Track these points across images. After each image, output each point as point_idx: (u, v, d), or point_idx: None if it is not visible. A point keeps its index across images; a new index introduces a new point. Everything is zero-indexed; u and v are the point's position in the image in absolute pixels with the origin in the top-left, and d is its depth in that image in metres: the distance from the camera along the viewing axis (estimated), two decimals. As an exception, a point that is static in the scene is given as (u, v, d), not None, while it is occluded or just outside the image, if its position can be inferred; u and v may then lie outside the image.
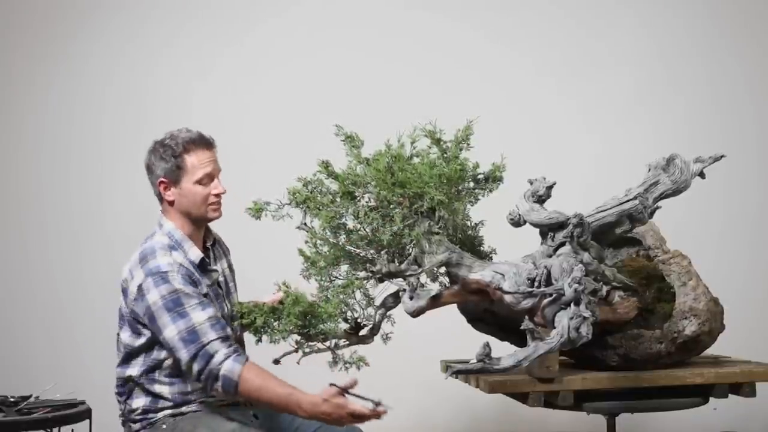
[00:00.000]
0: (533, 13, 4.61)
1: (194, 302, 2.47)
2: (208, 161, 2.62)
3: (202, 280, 2.60)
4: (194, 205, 2.61)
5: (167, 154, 2.60)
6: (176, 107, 4.40)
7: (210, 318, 2.46)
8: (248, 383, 2.42)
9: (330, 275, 2.65)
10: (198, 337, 2.44)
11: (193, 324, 2.45)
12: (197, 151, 2.61)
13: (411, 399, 4.32)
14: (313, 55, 4.49)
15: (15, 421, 3.07)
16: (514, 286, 2.63)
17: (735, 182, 4.43)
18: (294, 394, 2.43)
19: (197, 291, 2.52)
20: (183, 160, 2.60)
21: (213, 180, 2.62)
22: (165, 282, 2.49)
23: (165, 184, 2.61)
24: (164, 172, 2.60)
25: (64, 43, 4.50)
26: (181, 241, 2.61)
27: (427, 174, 2.59)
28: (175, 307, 2.47)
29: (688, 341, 2.92)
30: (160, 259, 2.53)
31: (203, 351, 2.43)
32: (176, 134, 2.63)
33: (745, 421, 4.35)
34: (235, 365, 2.42)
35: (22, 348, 4.32)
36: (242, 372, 2.42)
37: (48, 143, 4.48)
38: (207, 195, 2.61)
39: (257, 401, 2.49)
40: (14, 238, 4.42)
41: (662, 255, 3.04)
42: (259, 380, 2.43)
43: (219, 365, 2.42)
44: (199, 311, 2.46)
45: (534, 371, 2.84)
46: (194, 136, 2.63)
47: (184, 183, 2.60)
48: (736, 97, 4.61)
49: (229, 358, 2.43)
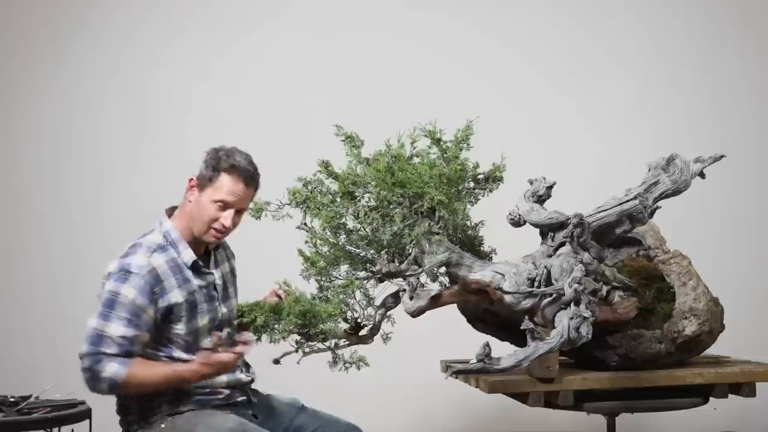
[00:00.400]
0: (533, 13, 4.61)
1: (123, 315, 2.50)
2: (237, 193, 2.59)
3: (194, 281, 2.61)
4: (199, 219, 2.61)
5: (211, 162, 2.60)
6: (176, 107, 4.41)
7: (122, 337, 2.49)
8: (133, 380, 2.48)
9: (330, 275, 2.66)
10: (99, 343, 2.48)
11: (105, 331, 2.49)
12: (235, 178, 2.59)
13: (411, 399, 4.32)
14: (313, 55, 4.49)
15: (15, 421, 3.07)
16: (514, 286, 2.63)
17: (735, 182, 4.44)
18: (176, 370, 2.54)
19: (143, 305, 2.52)
20: (219, 174, 2.59)
21: (228, 210, 2.60)
22: (121, 281, 2.52)
23: (192, 183, 2.62)
24: (199, 174, 2.61)
25: (64, 43, 4.50)
26: (176, 241, 2.62)
27: (427, 174, 2.59)
28: (107, 307, 2.51)
29: (688, 341, 2.92)
30: (136, 258, 2.55)
31: (97, 356, 2.48)
32: (232, 153, 2.62)
33: (745, 421, 4.35)
34: (119, 368, 2.47)
35: (22, 348, 4.32)
36: (126, 372, 2.47)
37: (48, 143, 4.48)
38: (214, 218, 2.60)
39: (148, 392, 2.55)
40: (14, 238, 4.42)
41: (662, 255, 3.04)
42: (143, 373, 2.50)
43: (101, 367, 2.47)
44: (120, 325, 2.49)
45: (534, 371, 2.84)
46: (242, 165, 2.61)
47: (205, 195, 2.60)
48: (736, 97, 4.62)
49: (112, 362, 2.47)
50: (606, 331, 2.87)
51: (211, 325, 2.64)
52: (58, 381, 3.43)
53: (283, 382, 2.86)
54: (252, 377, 2.76)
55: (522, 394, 2.93)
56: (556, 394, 2.88)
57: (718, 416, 4.17)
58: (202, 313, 2.62)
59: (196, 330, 2.61)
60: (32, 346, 4.31)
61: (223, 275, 2.74)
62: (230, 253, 2.85)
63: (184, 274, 2.59)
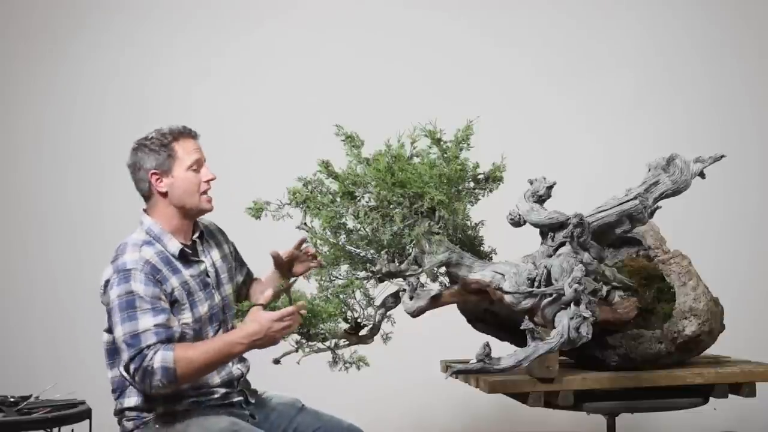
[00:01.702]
0: (533, 14, 4.61)
1: (146, 306, 2.49)
2: (195, 148, 2.68)
3: (184, 270, 2.62)
4: (188, 193, 2.64)
5: (155, 146, 2.65)
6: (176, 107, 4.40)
7: (157, 325, 2.48)
8: (184, 361, 2.44)
9: (330, 275, 2.66)
10: (139, 342, 2.46)
11: (138, 329, 2.47)
12: (184, 139, 2.67)
13: (411, 399, 4.32)
14: (313, 55, 4.49)
15: (15, 421, 3.07)
16: (514, 286, 2.63)
17: (735, 182, 4.43)
18: (225, 339, 2.50)
19: (156, 293, 2.52)
20: (173, 148, 2.64)
21: (202, 167, 2.67)
22: (125, 281, 2.51)
23: (157, 175, 2.64)
24: (155, 163, 2.64)
25: (64, 43, 4.50)
26: (159, 235, 2.63)
27: (427, 174, 2.59)
28: (127, 309, 2.49)
29: (688, 341, 2.92)
30: (127, 256, 2.56)
31: (140, 354, 2.45)
32: (159, 129, 2.69)
33: (745, 421, 4.35)
34: (165, 353, 2.44)
35: (22, 348, 4.32)
36: (174, 355, 2.44)
37: (48, 143, 4.48)
38: (199, 182, 2.65)
39: (203, 371, 2.51)
40: (14, 238, 4.43)
41: (662, 255, 3.04)
42: (191, 351, 2.46)
43: (150, 360, 2.44)
44: (149, 317, 2.48)
45: (534, 371, 2.84)
46: (179, 127, 2.69)
47: (176, 171, 2.64)
48: (736, 97, 4.62)
49: (158, 351, 2.45)
50: (606, 331, 2.87)
51: (209, 312, 2.65)
52: (58, 381, 3.44)
53: (283, 382, 2.86)
54: (243, 370, 2.75)
55: (522, 394, 2.93)
56: (556, 394, 2.88)
57: (718, 416, 4.17)
58: (201, 301, 2.63)
59: (200, 318, 2.61)
60: (32, 346, 4.31)
61: (214, 263, 2.75)
62: (223, 237, 2.85)
63: (173, 265, 2.61)
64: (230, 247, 2.87)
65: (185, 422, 2.57)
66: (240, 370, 2.74)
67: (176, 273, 2.61)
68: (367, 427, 2.83)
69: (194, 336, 2.59)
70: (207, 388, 2.64)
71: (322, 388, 3.22)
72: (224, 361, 2.56)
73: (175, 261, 2.62)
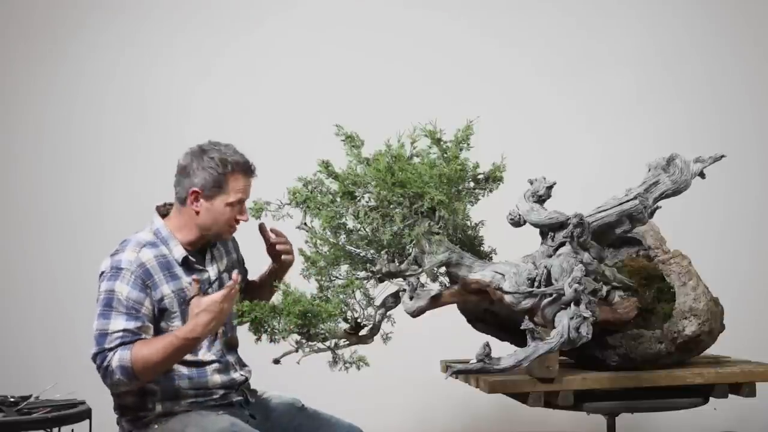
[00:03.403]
0: (533, 13, 4.61)
1: (122, 309, 2.52)
2: (244, 187, 2.66)
3: (185, 277, 2.62)
4: (217, 224, 2.65)
5: (211, 166, 2.62)
6: (176, 107, 4.41)
7: (125, 330, 2.50)
8: (140, 360, 2.46)
9: (330, 275, 2.65)
10: (104, 342, 2.50)
11: (108, 329, 2.50)
12: (240, 176, 2.65)
13: (411, 399, 4.32)
14: (313, 55, 4.49)
15: (15, 421, 3.07)
16: (514, 286, 2.63)
17: (735, 182, 4.43)
18: (178, 335, 2.49)
19: (139, 298, 2.54)
20: (225, 179, 2.62)
21: (242, 206, 2.67)
22: (114, 279, 2.54)
23: (197, 194, 2.63)
24: (202, 184, 2.62)
25: (64, 43, 4.50)
26: (167, 238, 2.64)
27: (427, 174, 2.59)
28: (105, 306, 2.53)
29: (688, 341, 2.92)
30: (125, 254, 2.58)
31: (102, 353, 2.49)
32: (224, 150, 2.65)
33: (745, 421, 4.35)
34: (123, 353, 2.48)
35: (22, 348, 4.32)
36: (131, 354, 2.47)
37: (48, 143, 4.47)
38: (233, 218, 2.65)
39: (161, 367, 2.51)
40: (14, 238, 4.42)
41: (662, 255, 3.04)
42: (146, 350, 2.48)
43: (109, 360, 2.48)
44: (121, 320, 2.51)
45: (534, 371, 2.84)
46: (241, 160, 2.65)
47: (217, 201, 2.63)
48: (736, 97, 4.61)
49: (115, 351, 2.48)
50: (606, 331, 2.87)
51: None
52: (58, 381, 3.43)
53: (283, 382, 2.86)
54: (247, 376, 2.76)
55: (522, 394, 2.93)
56: (556, 394, 2.88)
57: (718, 416, 4.16)
58: None
59: None
60: (32, 346, 4.31)
61: (220, 272, 2.74)
62: (233, 245, 2.85)
63: (172, 270, 2.61)
64: (239, 256, 2.87)
65: (184, 422, 2.57)
66: (243, 375, 2.74)
67: (173, 279, 2.60)
68: (367, 427, 2.83)
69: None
70: (207, 389, 2.64)
71: (322, 388, 3.21)
72: (182, 355, 2.54)
73: (176, 266, 2.62)
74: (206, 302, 2.48)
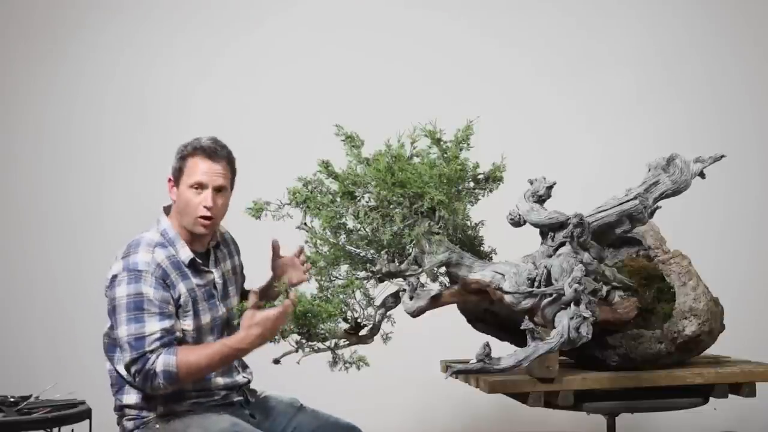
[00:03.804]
0: (533, 13, 4.61)
1: (154, 310, 2.50)
2: (207, 171, 2.61)
3: (193, 278, 2.62)
4: (185, 212, 2.61)
5: (177, 154, 2.65)
6: (176, 107, 4.41)
7: (162, 330, 2.49)
8: (185, 365, 2.46)
9: (330, 275, 2.66)
10: (143, 345, 2.47)
11: (144, 332, 2.48)
12: (200, 157, 2.62)
13: (411, 399, 4.32)
14: (313, 55, 4.49)
15: (15, 421, 3.07)
16: (514, 286, 2.63)
17: (735, 182, 4.43)
18: (227, 344, 2.49)
19: (166, 297, 2.53)
20: (185, 162, 2.63)
21: (205, 190, 2.61)
22: (136, 281, 2.52)
23: (171, 182, 2.66)
24: (172, 171, 2.66)
25: (64, 43, 4.50)
26: (173, 240, 2.63)
27: (427, 174, 2.59)
28: (135, 309, 2.50)
29: (688, 341, 2.92)
30: (140, 256, 2.56)
31: (143, 357, 2.47)
32: (195, 139, 2.66)
33: (745, 421, 4.35)
34: (168, 357, 2.46)
35: (22, 348, 4.32)
36: (177, 360, 2.46)
37: (48, 143, 4.48)
38: (196, 205, 2.60)
39: (204, 374, 2.52)
40: (14, 238, 4.42)
41: (662, 255, 3.04)
42: (193, 356, 2.47)
43: (153, 364, 2.46)
44: (155, 321, 2.50)
45: (534, 371, 2.84)
46: (204, 144, 2.64)
47: (182, 185, 2.63)
48: (736, 97, 4.61)
49: (161, 355, 2.47)
50: (606, 331, 2.87)
51: (212, 324, 2.64)
52: (58, 381, 3.44)
53: (283, 382, 2.86)
54: (249, 378, 2.77)
55: (522, 394, 2.93)
56: (556, 394, 2.88)
57: (718, 416, 4.16)
58: (204, 311, 2.62)
59: (200, 327, 2.61)
60: (32, 346, 4.31)
61: (224, 274, 2.74)
62: (235, 249, 2.85)
63: (182, 271, 2.60)
64: (239, 261, 2.87)
65: (186, 422, 2.57)
66: (246, 378, 2.74)
67: (185, 279, 2.61)
68: (367, 427, 2.83)
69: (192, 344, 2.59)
70: (209, 390, 2.64)
71: (322, 388, 3.21)
72: (226, 364, 2.57)
73: (184, 268, 2.62)
74: (260, 317, 2.46)
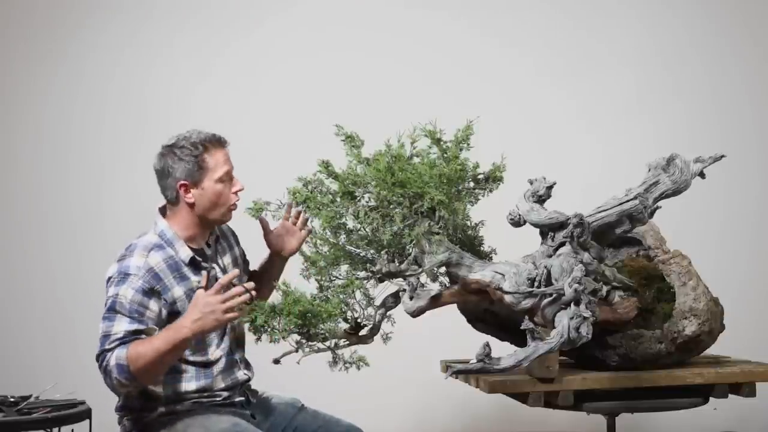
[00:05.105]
0: (533, 13, 4.61)
1: (125, 313, 2.50)
2: (225, 159, 2.65)
3: (193, 277, 2.61)
4: (215, 205, 2.62)
5: (185, 155, 2.60)
6: (176, 107, 4.41)
7: (127, 332, 2.48)
8: (134, 356, 2.43)
9: (330, 275, 2.65)
10: (105, 343, 2.48)
11: (110, 331, 2.48)
12: (215, 149, 2.63)
13: (411, 399, 4.33)
14: (313, 54, 4.49)
15: (15, 421, 3.07)
16: (514, 286, 2.63)
17: (735, 182, 4.43)
18: (171, 328, 2.47)
19: (144, 302, 2.52)
20: (203, 159, 2.61)
21: (232, 178, 2.65)
22: (122, 283, 2.52)
23: (186, 186, 2.61)
24: (185, 173, 2.60)
25: (64, 43, 4.50)
26: (172, 240, 2.62)
27: (427, 174, 2.59)
28: (110, 310, 2.51)
29: (688, 341, 2.92)
30: (133, 260, 2.56)
31: (102, 354, 2.48)
32: (188, 136, 2.63)
33: (745, 421, 4.35)
34: (120, 351, 2.45)
35: (22, 348, 4.32)
36: (127, 352, 2.44)
37: (48, 143, 4.48)
38: (229, 194, 2.63)
39: (157, 363, 2.47)
40: (14, 238, 4.42)
41: (662, 255, 3.04)
42: (141, 346, 2.45)
43: (107, 359, 2.46)
44: (124, 323, 2.49)
45: (534, 371, 2.84)
46: (209, 136, 2.64)
47: (206, 182, 2.61)
48: (736, 97, 4.61)
49: (113, 351, 2.46)
50: (606, 331, 2.87)
51: None
52: (58, 381, 3.44)
53: (283, 382, 2.86)
54: (249, 375, 2.76)
55: (522, 394, 2.93)
56: (556, 394, 2.88)
57: (718, 416, 4.17)
58: None
59: None
60: (32, 346, 4.31)
61: (225, 267, 2.74)
62: (234, 239, 2.85)
63: (181, 272, 2.60)
64: (240, 249, 2.87)
65: (186, 422, 2.57)
66: (246, 375, 2.74)
67: (183, 280, 2.60)
68: (367, 427, 2.83)
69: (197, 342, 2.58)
70: (210, 390, 2.64)
71: (322, 388, 3.22)
72: (177, 351, 2.49)
73: (184, 267, 2.61)
74: (194, 297, 2.47)
